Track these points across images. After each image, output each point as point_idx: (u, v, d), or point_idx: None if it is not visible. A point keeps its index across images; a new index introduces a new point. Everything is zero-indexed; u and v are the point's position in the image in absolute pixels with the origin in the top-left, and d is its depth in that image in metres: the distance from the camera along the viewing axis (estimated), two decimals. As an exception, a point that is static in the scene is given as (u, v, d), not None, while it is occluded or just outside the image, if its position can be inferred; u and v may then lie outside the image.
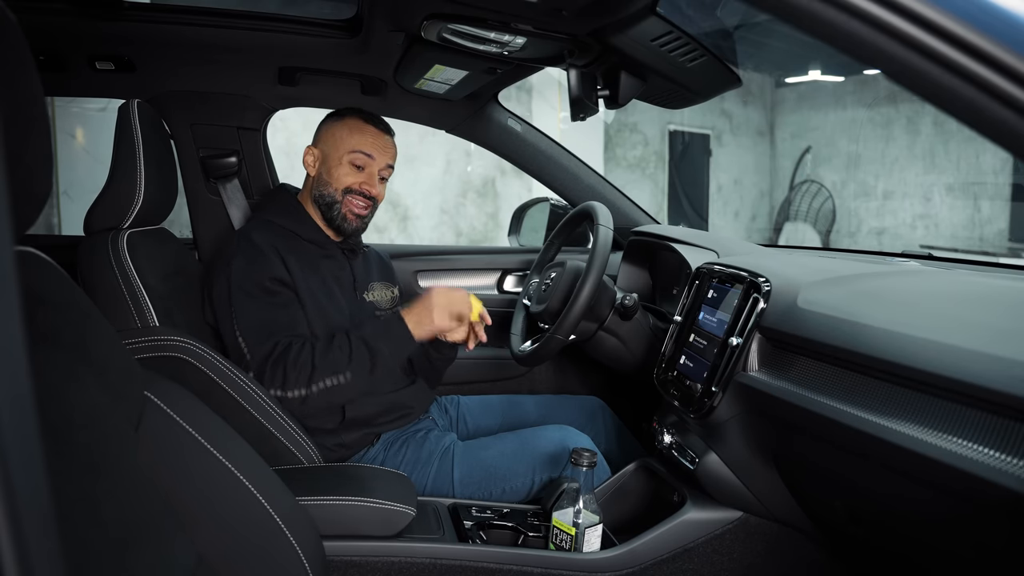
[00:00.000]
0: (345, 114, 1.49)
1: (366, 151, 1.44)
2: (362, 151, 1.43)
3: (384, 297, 1.57)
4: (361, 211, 1.45)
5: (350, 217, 1.45)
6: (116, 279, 1.21)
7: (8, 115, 0.50)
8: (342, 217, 1.45)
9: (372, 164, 1.45)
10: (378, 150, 1.45)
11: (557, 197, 2.04)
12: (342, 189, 1.44)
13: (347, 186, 1.44)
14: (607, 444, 1.62)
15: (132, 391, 0.72)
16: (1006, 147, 0.53)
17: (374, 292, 1.55)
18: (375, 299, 1.54)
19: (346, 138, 1.45)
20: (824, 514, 1.15)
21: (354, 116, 1.47)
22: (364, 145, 1.44)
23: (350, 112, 1.49)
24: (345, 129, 1.46)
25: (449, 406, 1.64)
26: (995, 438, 0.71)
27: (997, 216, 7.39)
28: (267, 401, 1.26)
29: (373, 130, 1.46)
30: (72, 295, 0.69)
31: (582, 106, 1.35)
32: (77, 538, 0.52)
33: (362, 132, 1.45)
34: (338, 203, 1.44)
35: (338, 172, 1.44)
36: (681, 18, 1.07)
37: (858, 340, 0.90)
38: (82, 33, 1.41)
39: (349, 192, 1.44)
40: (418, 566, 1.15)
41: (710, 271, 1.32)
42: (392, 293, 1.60)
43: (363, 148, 1.43)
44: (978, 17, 0.51)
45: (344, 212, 1.45)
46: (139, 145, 1.27)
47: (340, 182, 1.44)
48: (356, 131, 1.45)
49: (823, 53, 7.48)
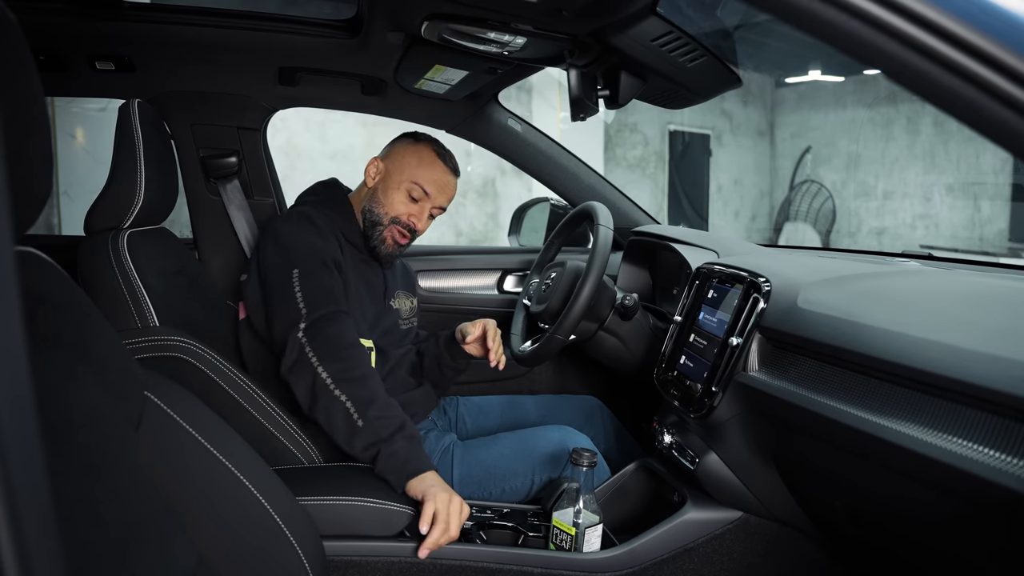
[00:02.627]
0: (421, 140, 1.49)
1: (426, 188, 1.44)
2: (422, 186, 1.43)
3: (405, 306, 1.58)
4: (401, 240, 1.46)
5: (389, 243, 1.46)
6: (116, 279, 1.21)
7: (8, 115, 0.50)
8: (380, 240, 1.45)
9: (427, 201, 1.45)
10: (438, 189, 1.45)
11: (557, 197, 2.04)
12: (391, 215, 1.44)
13: (397, 215, 1.44)
14: (607, 444, 1.62)
15: (132, 391, 0.71)
16: (1006, 147, 0.53)
17: (398, 300, 1.56)
18: (398, 307, 1.55)
19: (413, 167, 1.45)
20: (824, 514, 1.15)
21: (429, 148, 1.48)
22: (427, 181, 1.44)
23: (427, 141, 1.49)
24: (416, 157, 1.46)
25: (448, 406, 1.64)
26: (995, 438, 0.71)
27: (997, 216, 7.40)
28: (267, 401, 1.26)
29: (442, 168, 1.46)
30: (72, 295, 0.69)
31: (582, 106, 1.35)
32: (77, 538, 0.52)
33: (431, 167, 1.45)
34: (382, 226, 1.44)
35: (394, 196, 1.44)
36: (681, 18, 1.07)
37: (858, 340, 0.90)
38: (82, 33, 1.42)
39: (396, 222, 1.44)
40: (418, 566, 1.15)
41: (710, 271, 1.32)
42: (412, 303, 1.61)
43: (425, 184, 1.44)
44: (978, 17, 0.51)
45: (384, 236, 1.45)
46: (139, 145, 1.27)
47: (392, 208, 1.44)
48: (425, 164, 1.45)
49: (823, 53, 7.49)
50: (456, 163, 1.51)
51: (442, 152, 1.48)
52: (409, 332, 1.58)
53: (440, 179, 1.46)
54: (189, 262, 1.49)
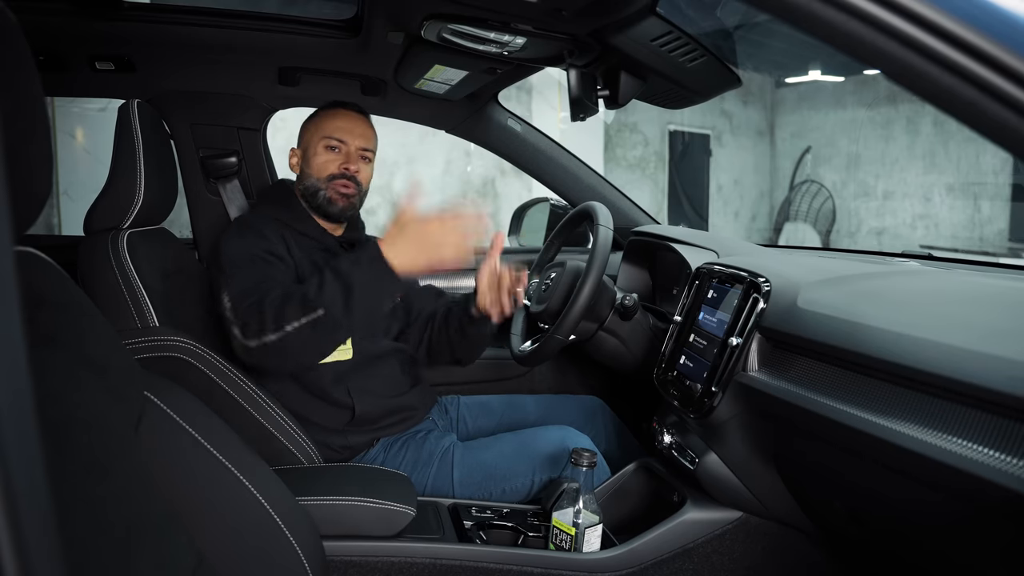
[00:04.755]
0: (316, 111, 1.51)
1: (336, 135, 1.44)
2: (333, 135, 1.44)
3: None
4: (346, 190, 1.45)
5: (334, 198, 1.44)
6: (116, 279, 1.21)
7: (8, 115, 0.50)
8: (327, 200, 1.44)
9: (346, 146, 1.45)
10: (348, 132, 1.45)
11: (557, 197, 2.04)
12: (325, 176, 1.44)
13: (329, 173, 1.44)
14: (607, 444, 1.62)
15: (132, 391, 0.71)
16: (1006, 147, 0.53)
17: None
18: None
19: (317, 128, 1.47)
20: (824, 514, 1.15)
21: (324, 108, 1.50)
22: (334, 129, 1.45)
23: (320, 108, 1.51)
24: (316, 122, 1.48)
25: (449, 406, 1.64)
26: (995, 438, 0.71)
27: (997, 216, 7.39)
28: (267, 401, 1.26)
29: (344, 112, 1.47)
30: (72, 295, 0.69)
31: (582, 106, 1.35)
32: (77, 538, 0.52)
33: (332, 117, 1.47)
34: (322, 190, 1.44)
35: (316, 161, 1.45)
36: (681, 18, 1.08)
37: (858, 340, 0.90)
38: (82, 33, 1.42)
39: (332, 178, 1.44)
40: (418, 566, 1.15)
41: (710, 271, 1.32)
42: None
43: (333, 133, 1.44)
44: (978, 17, 0.51)
45: (329, 196, 1.44)
46: (139, 145, 1.27)
47: (320, 170, 1.44)
48: (326, 118, 1.47)
49: (823, 53, 7.48)
50: (362, 108, 1.51)
51: (339, 102, 1.50)
52: (394, 313, 1.56)
53: (344, 123, 1.46)
54: (189, 262, 1.49)
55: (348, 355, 1.39)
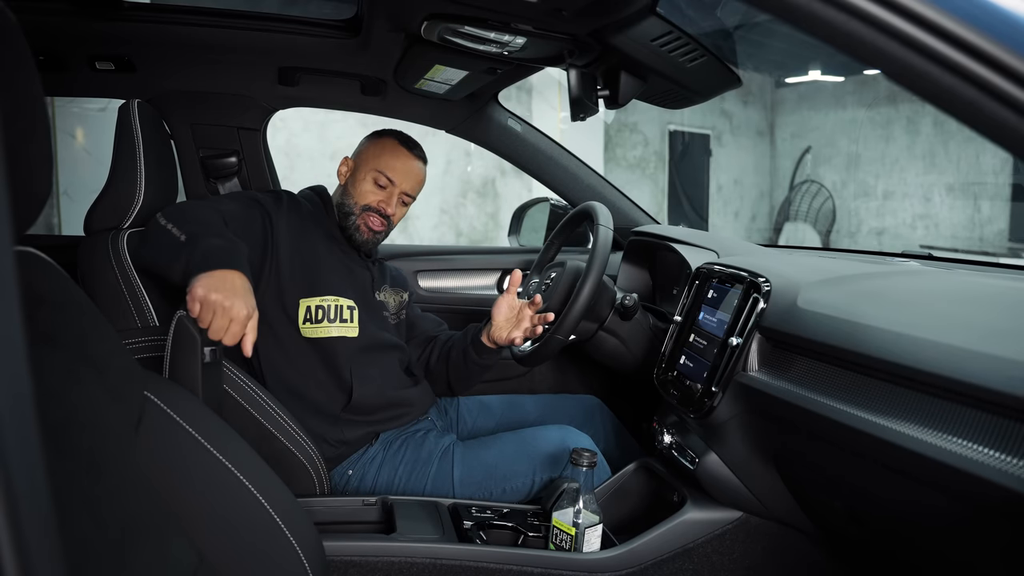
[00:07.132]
0: (384, 134, 1.53)
1: (390, 175, 1.47)
2: (386, 173, 1.47)
3: (392, 300, 1.58)
4: (375, 227, 1.49)
5: (363, 230, 1.48)
6: (116, 279, 1.21)
7: (8, 115, 0.50)
8: (355, 228, 1.48)
9: (394, 187, 1.48)
10: (402, 175, 1.48)
11: (557, 197, 2.04)
12: (362, 204, 1.48)
13: (366, 203, 1.48)
14: (606, 444, 1.62)
15: (132, 391, 0.72)
16: (1006, 147, 0.53)
17: (384, 293, 1.56)
18: (384, 300, 1.56)
19: (376, 156, 1.49)
20: (824, 514, 1.15)
21: (393, 138, 1.52)
22: (390, 168, 1.48)
23: (389, 134, 1.53)
24: (379, 147, 1.50)
25: (448, 406, 1.64)
26: (995, 438, 0.71)
27: (997, 216, 7.39)
28: (267, 401, 1.26)
29: (406, 154, 1.50)
30: (72, 295, 0.69)
31: (582, 106, 1.35)
32: (77, 538, 0.52)
33: (394, 155, 1.49)
34: (355, 215, 1.48)
35: (361, 187, 1.48)
36: (681, 18, 1.08)
37: (858, 340, 0.90)
38: (82, 33, 1.42)
39: (368, 209, 1.48)
40: (418, 566, 1.15)
41: (710, 271, 1.32)
42: (400, 298, 1.61)
43: (388, 171, 1.47)
44: (978, 17, 0.51)
45: (358, 224, 1.48)
46: (139, 145, 1.27)
47: (361, 197, 1.48)
48: (387, 152, 1.49)
49: (823, 53, 7.48)
50: (422, 151, 1.54)
51: (406, 141, 1.52)
52: (398, 327, 1.58)
53: (403, 165, 1.49)
54: (189, 262, 1.49)
55: (354, 332, 1.42)
